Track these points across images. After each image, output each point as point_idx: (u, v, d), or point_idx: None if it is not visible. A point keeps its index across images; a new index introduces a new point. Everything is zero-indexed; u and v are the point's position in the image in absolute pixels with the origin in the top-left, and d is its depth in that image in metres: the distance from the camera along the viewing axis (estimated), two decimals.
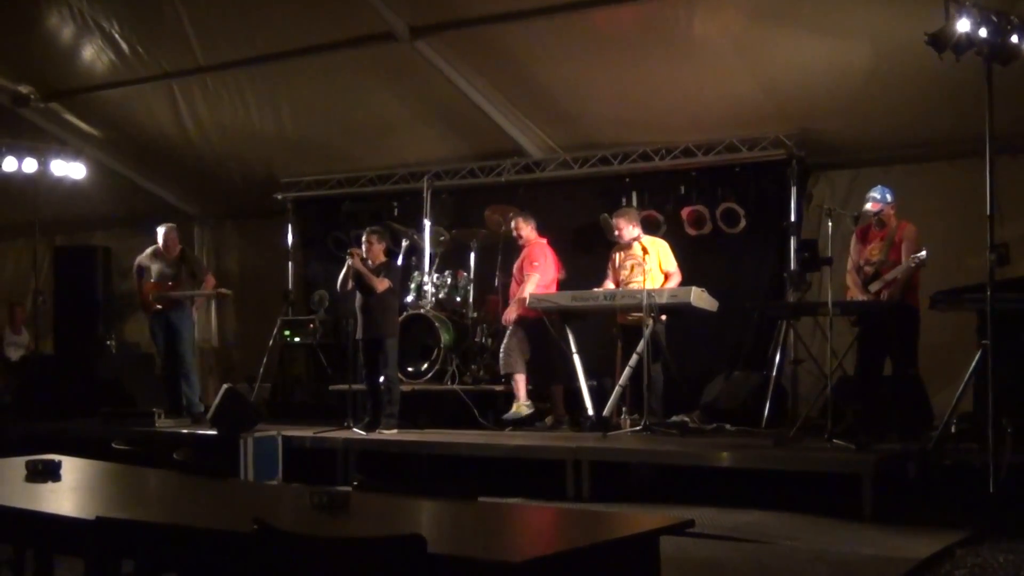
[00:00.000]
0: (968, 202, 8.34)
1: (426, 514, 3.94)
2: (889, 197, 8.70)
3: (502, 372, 10.31)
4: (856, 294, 8.73)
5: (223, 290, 11.70)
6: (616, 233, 9.86)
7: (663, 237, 10.32)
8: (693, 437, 9.24)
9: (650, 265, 9.58)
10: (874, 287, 8.56)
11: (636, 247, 9.69)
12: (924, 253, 8.27)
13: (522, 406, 10.15)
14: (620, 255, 9.95)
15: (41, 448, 5.93)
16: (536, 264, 10.20)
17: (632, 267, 9.75)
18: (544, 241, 10.48)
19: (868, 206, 8.66)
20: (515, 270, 10.45)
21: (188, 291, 11.14)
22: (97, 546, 3.39)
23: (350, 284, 9.92)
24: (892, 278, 8.48)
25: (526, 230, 10.42)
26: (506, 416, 10.16)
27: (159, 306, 11.01)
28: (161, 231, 11.18)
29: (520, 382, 10.18)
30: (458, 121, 11.64)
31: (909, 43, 7.87)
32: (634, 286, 9.63)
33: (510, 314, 10.24)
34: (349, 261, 9.83)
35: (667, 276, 9.75)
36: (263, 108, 12.03)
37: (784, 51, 9.62)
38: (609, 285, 9.93)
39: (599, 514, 4.69)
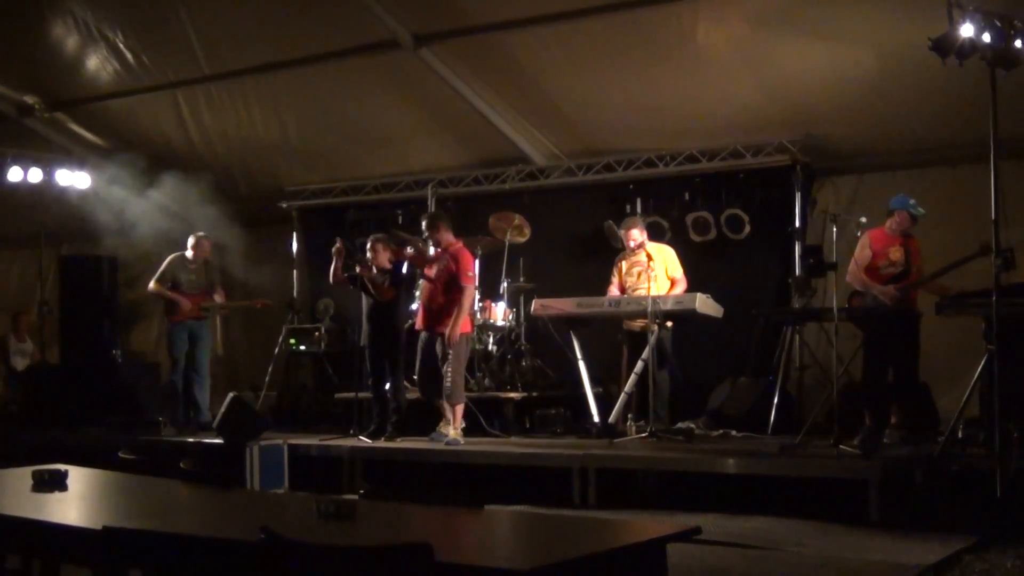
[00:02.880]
0: (973, 207, 8.34)
1: (433, 522, 3.94)
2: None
3: (452, 403, 9.41)
4: (875, 286, 8.60)
5: (265, 301, 11.80)
6: (631, 243, 9.85)
7: (668, 243, 10.33)
8: (699, 444, 9.23)
9: (656, 271, 9.58)
10: (902, 287, 8.53)
11: (641, 253, 9.71)
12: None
13: (460, 433, 9.43)
14: (626, 262, 9.97)
15: (47, 458, 5.95)
16: (471, 275, 9.56)
17: (638, 273, 9.76)
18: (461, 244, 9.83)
19: (921, 210, 8.66)
20: (437, 277, 9.57)
21: (227, 302, 11.29)
22: (104, 556, 3.40)
23: (342, 277, 9.93)
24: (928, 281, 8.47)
25: (447, 235, 9.67)
26: (448, 441, 9.33)
27: (196, 315, 11.14)
28: (192, 239, 11.22)
29: (460, 408, 9.53)
30: (462, 129, 11.65)
31: (913, 48, 7.88)
32: (640, 292, 9.63)
33: (456, 332, 9.37)
34: (356, 268, 9.82)
35: (673, 282, 9.76)
36: (267, 117, 12.06)
37: (788, 57, 9.63)
38: (615, 292, 9.94)
39: (606, 521, 4.68)
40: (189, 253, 11.17)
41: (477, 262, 11.20)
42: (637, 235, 9.85)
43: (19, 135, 12.81)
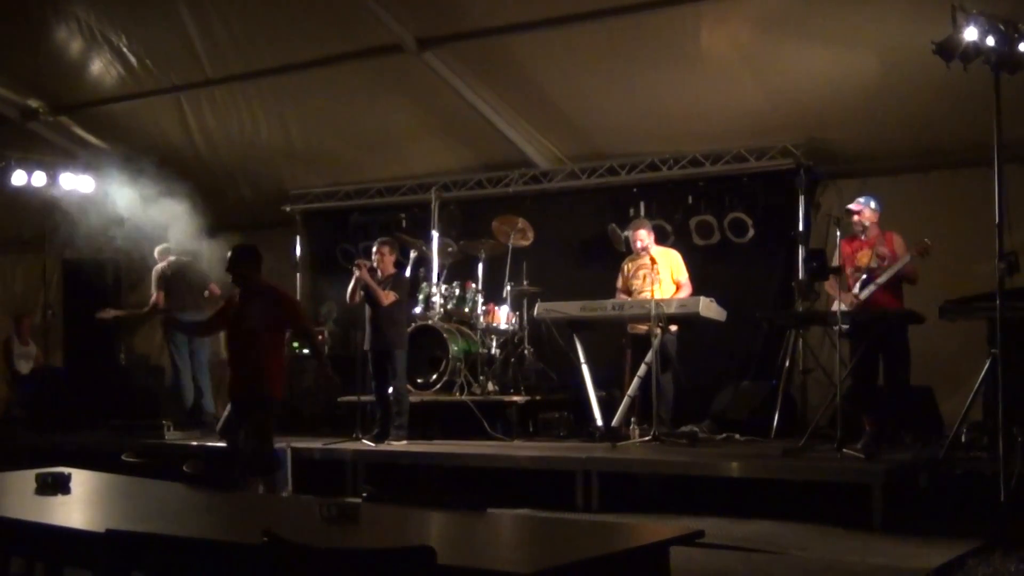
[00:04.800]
0: (976, 210, 8.33)
1: (436, 525, 3.94)
2: (873, 204, 8.70)
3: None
4: (839, 297, 8.64)
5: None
6: (637, 244, 9.85)
7: (671, 247, 10.33)
8: (702, 447, 9.23)
9: (662, 275, 9.59)
10: (864, 294, 8.51)
11: (646, 256, 9.70)
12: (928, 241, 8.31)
13: None
14: (630, 265, 9.96)
15: (51, 460, 5.94)
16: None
17: (644, 276, 9.75)
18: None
19: (850, 206, 8.68)
20: (247, 318, 7.76)
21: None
22: (107, 559, 3.40)
23: (359, 295, 9.92)
24: (892, 273, 8.43)
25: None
26: None
27: None
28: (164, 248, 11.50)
29: None
30: (465, 132, 11.66)
31: (916, 52, 7.87)
32: (645, 295, 9.62)
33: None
34: (356, 273, 9.84)
35: (678, 286, 9.76)
36: (271, 120, 12.07)
37: (791, 61, 9.62)
38: (623, 295, 9.92)
39: (609, 525, 4.68)
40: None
41: (481, 266, 11.26)
42: (644, 236, 9.85)
43: (23, 139, 12.82)
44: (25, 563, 4.86)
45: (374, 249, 10.16)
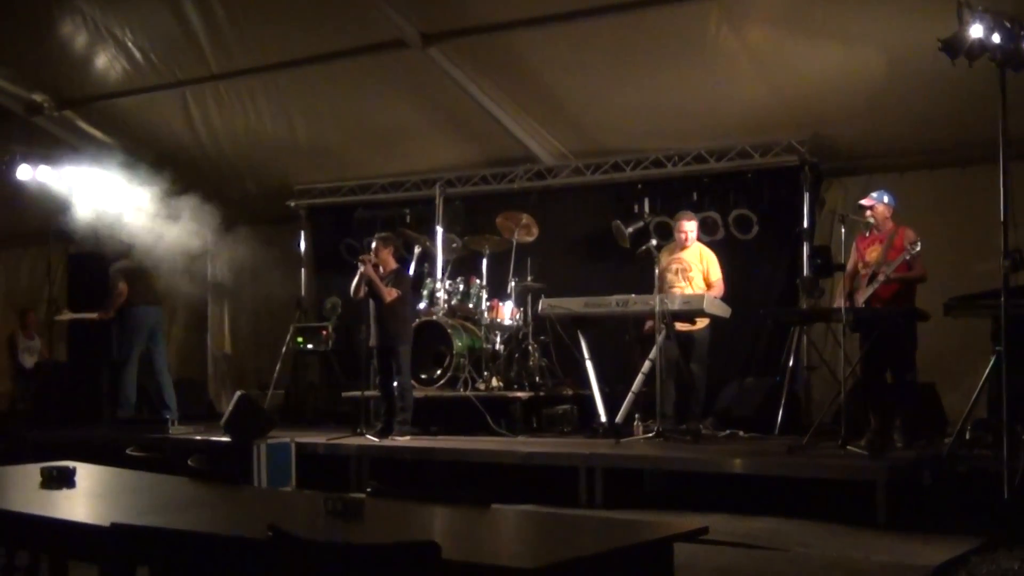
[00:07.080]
0: (981, 208, 8.33)
1: (440, 521, 3.94)
2: (886, 199, 8.66)
3: None
4: (840, 299, 8.64)
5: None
6: (683, 235, 9.83)
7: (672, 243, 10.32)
8: (706, 444, 9.23)
9: (692, 273, 9.60)
10: (868, 290, 8.49)
11: (685, 251, 9.77)
12: (919, 245, 8.27)
13: None
14: (666, 258, 9.89)
15: (56, 455, 5.95)
16: None
17: (677, 271, 9.73)
18: None
19: (862, 201, 8.67)
20: None
21: None
22: (112, 553, 3.40)
23: (363, 291, 9.92)
24: (891, 271, 8.40)
25: None
26: None
27: None
28: None
29: None
30: (470, 128, 11.66)
31: (922, 49, 7.87)
32: (676, 291, 9.60)
33: None
34: (361, 268, 9.84)
35: (710, 286, 9.73)
36: (276, 116, 12.07)
37: (797, 57, 9.61)
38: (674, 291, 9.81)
39: (613, 521, 4.68)
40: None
41: (485, 261, 11.26)
42: (692, 227, 9.82)
43: (28, 133, 12.84)
44: (30, 556, 4.87)
45: (372, 245, 10.16)
